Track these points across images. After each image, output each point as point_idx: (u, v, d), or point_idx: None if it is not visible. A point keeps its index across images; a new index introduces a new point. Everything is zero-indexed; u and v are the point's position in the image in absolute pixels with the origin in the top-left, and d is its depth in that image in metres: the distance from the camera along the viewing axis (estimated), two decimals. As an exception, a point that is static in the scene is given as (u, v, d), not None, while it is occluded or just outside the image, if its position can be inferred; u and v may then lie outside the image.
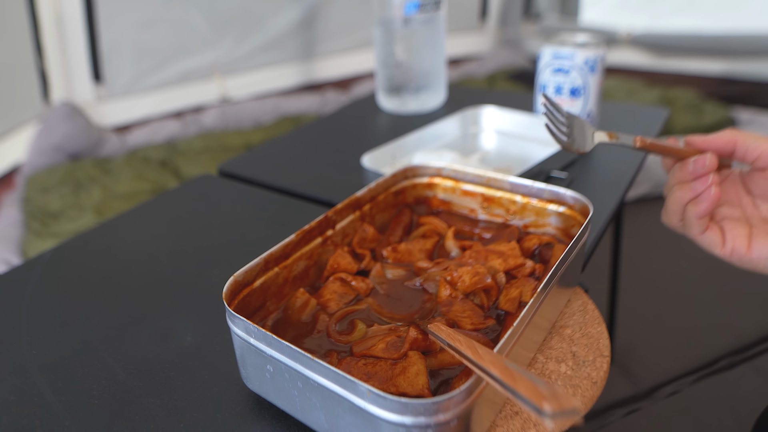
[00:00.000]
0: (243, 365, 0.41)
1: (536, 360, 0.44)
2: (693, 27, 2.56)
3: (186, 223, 0.69)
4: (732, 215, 0.47)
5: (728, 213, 0.47)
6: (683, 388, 1.20)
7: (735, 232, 0.45)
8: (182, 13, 2.30)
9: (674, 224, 0.47)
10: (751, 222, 0.46)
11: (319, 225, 0.50)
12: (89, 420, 0.41)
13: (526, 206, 0.55)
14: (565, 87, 0.81)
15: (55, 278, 0.59)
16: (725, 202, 0.47)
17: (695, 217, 0.45)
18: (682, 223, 0.46)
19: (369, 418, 0.33)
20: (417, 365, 0.38)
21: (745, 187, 0.47)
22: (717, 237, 0.45)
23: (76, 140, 2.02)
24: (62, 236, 1.54)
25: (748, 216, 0.46)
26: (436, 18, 0.98)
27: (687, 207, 0.45)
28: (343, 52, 2.77)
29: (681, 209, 0.46)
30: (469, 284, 0.45)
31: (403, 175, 0.59)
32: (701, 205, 0.44)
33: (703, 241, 0.46)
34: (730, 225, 0.45)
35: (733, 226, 0.45)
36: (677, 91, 2.43)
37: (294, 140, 0.95)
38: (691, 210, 0.45)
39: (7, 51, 1.88)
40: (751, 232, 0.45)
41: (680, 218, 0.46)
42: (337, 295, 0.47)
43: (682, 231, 0.47)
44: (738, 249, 0.44)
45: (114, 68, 2.21)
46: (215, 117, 2.36)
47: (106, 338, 0.49)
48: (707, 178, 0.44)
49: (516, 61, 3.05)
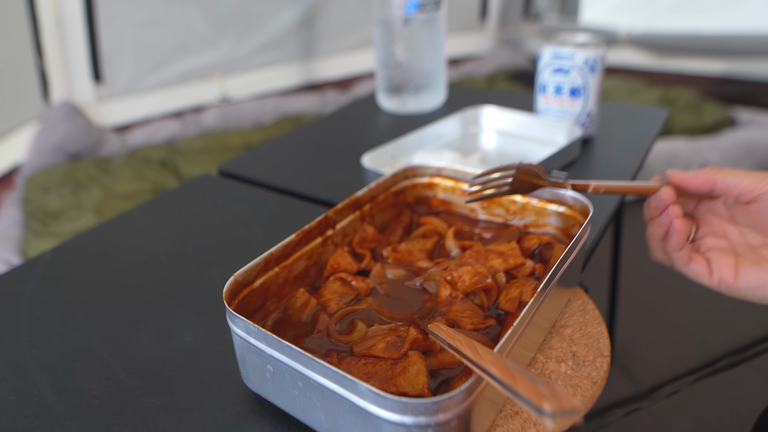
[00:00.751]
0: (243, 365, 0.41)
1: (536, 360, 0.45)
2: (693, 27, 2.56)
3: (186, 223, 0.69)
4: (718, 245, 0.46)
5: (714, 243, 0.47)
6: (683, 387, 1.20)
7: (721, 262, 0.45)
8: (182, 13, 2.30)
9: (660, 259, 0.47)
10: (737, 251, 0.45)
11: (319, 225, 0.50)
12: (89, 420, 0.41)
13: (526, 206, 0.55)
14: (565, 87, 0.82)
15: (56, 278, 0.59)
16: (709, 233, 0.47)
17: (672, 252, 0.45)
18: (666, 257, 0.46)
19: (369, 418, 0.33)
20: (417, 365, 0.38)
21: (730, 218, 0.47)
22: (703, 268, 0.45)
23: (76, 140, 2.02)
24: (62, 236, 1.54)
25: (735, 245, 0.46)
26: (436, 18, 0.98)
27: (664, 242, 0.46)
28: (343, 52, 2.77)
29: (659, 244, 0.46)
30: (469, 284, 0.45)
31: (403, 175, 0.59)
32: (672, 240, 0.44)
33: (689, 272, 0.46)
34: (716, 255, 0.45)
35: (719, 256, 0.45)
36: (677, 91, 2.43)
37: (294, 140, 0.95)
38: (667, 245, 0.45)
39: (7, 51, 1.89)
40: (738, 261, 0.44)
41: (663, 253, 0.46)
42: (337, 294, 0.47)
43: (670, 264, 0.47)
44: (725, 279, 0.44)
45: (114, 68, 2.21)
46: (215, 117, 2.36)
47: (106, 338, 0.49)
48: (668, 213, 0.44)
49: (516, 61, 3.05)
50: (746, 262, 0.44)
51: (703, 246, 0.47)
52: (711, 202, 0.48)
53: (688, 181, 0.45)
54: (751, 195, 0.43)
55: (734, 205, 0.46)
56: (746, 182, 0.43)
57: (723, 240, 0.47)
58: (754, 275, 0.43)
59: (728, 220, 0.47)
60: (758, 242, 0.45)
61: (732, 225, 0.47)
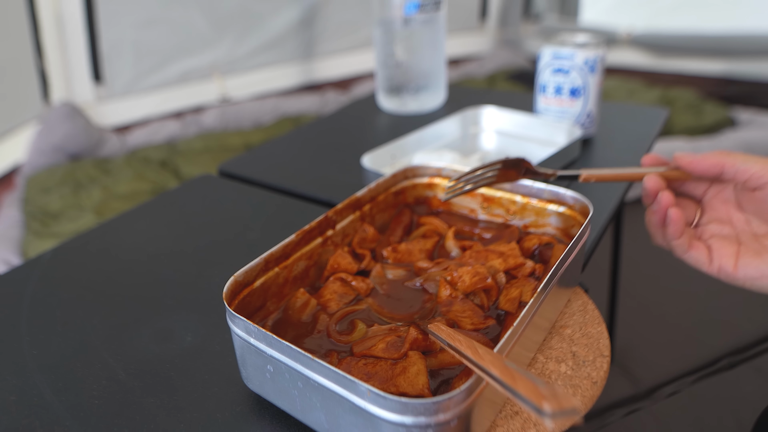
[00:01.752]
0: (243, 365, 0.41)
1: (536, 360, 0.45)
2: (693, 27, 2.56)
3: (186, 224, 0.69)
4: (721, 232, 0.46)
5: (717, 230, 0.46)
6: (683, 388, 1.20)
7: (722, 251, 0.44)
8: (182, 13, 2.30)
9: (660, 244, 0.47)
10: (740, 239, 0.45)
11: (320, 225, 0.50)
12: (89, 420, 0.41)
13: (526, 206, 0.55)
14: (565, 87, 0.82)
15: (56, 278, 0.59)
16: (714, 219, 0.47)
17: (671, 240, 0.45)
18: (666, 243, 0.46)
19: (369, 418, 0.33)
20: (417, 365, 0.38)
21: (737, 204, 0.46)
22: (703, 256, 0.45)
23: (76, 140, 2.02)
24: (62, 236, 1.54)
25: (739, 232, 0.46)
26: (436, 18, 0.98)
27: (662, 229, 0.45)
28: (343, 52, 2.77)
29: (658, 230, 0.46)
30: (469, 284, 0.45)
31: (403, 176, 0.59)
32: (669, 228, 0.44)
33: (689, 259, 0.45)
34: (718, 243, 0.45)
35: (721, 244, 0.45)
36: (677, 91, 2.43)
37: (294, 140, 0.95)
38: (665, 233, 0.45)
39: (7, 51, 1.89)
40: (739, 250, 0.44)
41: (662, 238, 0.46)
42: (337, 295, 0.47)
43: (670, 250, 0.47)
44: (725, 268, 0.44)
45: (114, 68, 2.21)
46: (215, 117, 2.36)
47: (106, 338, 0.49)
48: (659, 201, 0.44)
49: (516, 61, 3.05)
50: (747, 252, 0.44)
51: (706, 232, 0.47)
52: (720, 186, 0.47)
53: (696, 164, 0.45)
54: (759, 181, 0.43)
55: (742, 190, 0.46)
56: (755, 168, 0.42)
57: (727, 226, 0.46)
58: (753, 266, 0.43)
59: (735, 206, 0.46)
60: (762, 231, 0.45)
61: (738, 211, 0.46)
